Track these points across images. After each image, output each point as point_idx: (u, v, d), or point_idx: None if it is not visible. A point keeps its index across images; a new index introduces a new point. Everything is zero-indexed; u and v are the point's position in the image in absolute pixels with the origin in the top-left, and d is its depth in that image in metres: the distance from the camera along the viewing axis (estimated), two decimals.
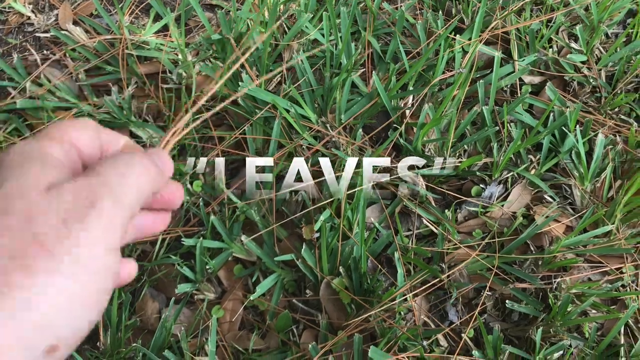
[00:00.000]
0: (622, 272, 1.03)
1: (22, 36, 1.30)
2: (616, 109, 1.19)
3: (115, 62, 1.21)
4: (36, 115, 1.15)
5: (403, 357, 0.88)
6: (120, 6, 1.31)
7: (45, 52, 1.27)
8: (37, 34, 1.30)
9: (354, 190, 1.00)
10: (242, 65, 1.15)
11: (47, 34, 1.29)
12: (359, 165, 1.03)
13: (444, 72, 1.17)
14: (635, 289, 1.01)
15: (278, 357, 0.95)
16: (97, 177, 0.34)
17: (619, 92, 1.21)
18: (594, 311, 0.99)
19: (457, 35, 1.23)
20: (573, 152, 1.11)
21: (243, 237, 0.98)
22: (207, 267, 0.99)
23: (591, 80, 1.22)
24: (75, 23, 1.30)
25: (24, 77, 1.20)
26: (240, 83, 1.09)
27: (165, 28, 1.29)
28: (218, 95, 1.15)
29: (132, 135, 1.14)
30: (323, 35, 1.23)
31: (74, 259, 0.30)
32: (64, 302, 0.30)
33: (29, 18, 1.31)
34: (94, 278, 0.32)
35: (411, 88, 1.16)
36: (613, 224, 1.04)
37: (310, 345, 0.90)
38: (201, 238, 0.98)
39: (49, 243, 0.30)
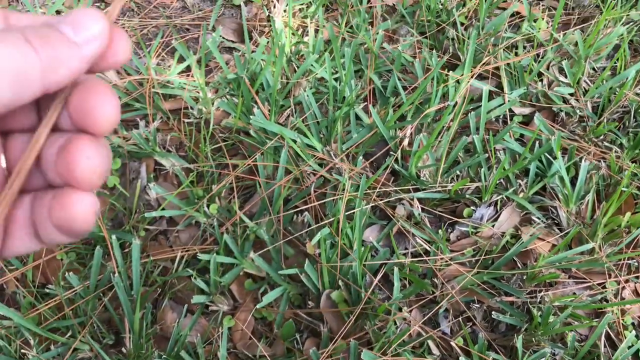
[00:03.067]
0: (604, 287, 1.11)
1: None
2: (600, 137, 1.28)
3: (142, 100, 1.35)
4: None
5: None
6: (148, 50, 1.47)
7: None
8: None
9: (353, 210, 1.11)
10: (255, 101, 1.28)
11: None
12: (357, 188, 1.14)
13: (438, 104, 1.28)
14: (616, 302, 1.09)
15: None
16: None
17: (604, 121, 1.30)
18: (576, 322, 1.07)
19: (451, 72, 1.35)
20: (557, 176, 1.20)
21: (252, 254, 1.09)
22: (220, 281, 1.10)
23: (578, 111, 1.32)
24: None
25: None
26: (251, 117, 1.22)
27: (188, 69, 1.43)
28: (233, 128, 1.28)
29: (157, 164, 1.27)
30: (332, 72, 1.35)
31: None
32: None
33: None
34: None
35: (409, 119, 1.27)
36: (595, 242, 1.12)
37: (311, 351, 1.00)
38: (215, 254, 1.10)
39: None
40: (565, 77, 1.37)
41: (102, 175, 0.32)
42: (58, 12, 1.56)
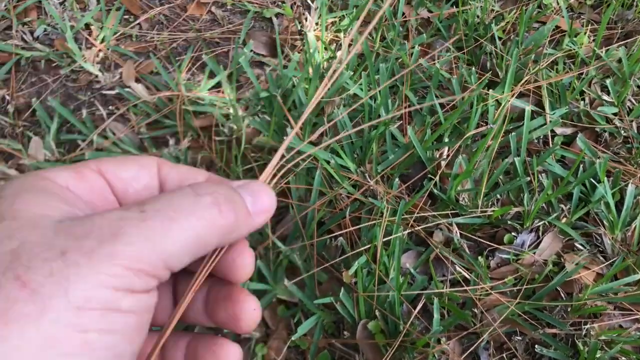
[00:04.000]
0: None
1: (91, 93, 1.44)
2: None
3: (173, 117, 1.33)
4: None
5: None
6: (177, 65, 1.44)
7: (110, 107, 1.40)
8: (103, 91, 1.43)
9: (390, 237, 1.07)
10: (287, 120, 1.25)
11: (112, 91, 1.42)
12: (394, 212, 1.11)
13: (478, 125, 1.24)
14: None
15: None
16: (134, 212, 0.31)
17: None
18: (623, 358, 1.02)
19: (490, 90, 1.30)
20: (602, 201, 1.15)
21: (286, 281, 1.06)
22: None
23: (622, 132, 1.27)
24: (137, 81, 1.43)
25: (92, 131, 1.33)
26: (284, 137, 1.19)
27: (218, 84, 1.41)
28: (265, 148, 1.25)
29: None
30: (362, 90, 1.32)
31: (62, 296, 0.27)
32: (44, 353, 0.26)
33: (96, 77, 1.45)
34: (86, 321, 0.27)
35: (446, 139, 1.23)
36: None
37: None
38: (248, 281, 1.07)
39: (34, 280, 0.27)
40: (609, 95, 1.32)
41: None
42: (87, 26, 1.54)
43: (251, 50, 1.46)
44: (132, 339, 0.30)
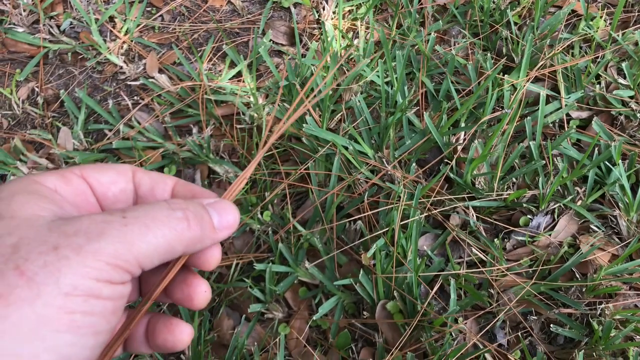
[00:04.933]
0: None
1: (116, 84, 1.49)
2: None
3: (195, 106, 1.37)
4: (129, 154, 1.32)
5: None
6: (199, 55, 1.48)
7: (135, 97, 1.44)
8: (128, 82, 1.48)
9: (407, 220, 1.11)
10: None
11: (137, 81, 1.47)
12: (411, 196, 1.13)
13: (493, 110, 1.26)
14: None
15: None
16: (117, 217, 0.36)
17: None
18: (638, 337, 1.04)
19: (506, 75, 1.32)
20: (618, 184, 1.16)
21: (306, 263, 1.10)
22: (275, 289, 1.11)
23: (638, 115, 1.27)
24: (160, 71, 1.47)
25: (118, 121, 1.38)
26: (304, 125, 1.22)
27: (239, 74, 1.44)
28: (285, 135, 1.28)
29: (210, 171, 1.29)
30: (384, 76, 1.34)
31: (54, 284, 0.32)
32: (37, 329, 0.32)
33: (121, 68, 1.50)
34: (73, 304, 0.33)
35: (462, 124, 1.25)
36: None
37: None
38: (270, 263, 1.11)
39: (31, 270, 0.32)
40: (625, 78, 1.33)
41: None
42: (111, 18, 1.58)
43: (270, 40, 1.50)
44: (109, 319, 0.36)
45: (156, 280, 0.44)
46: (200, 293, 0.45)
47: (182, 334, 0.45)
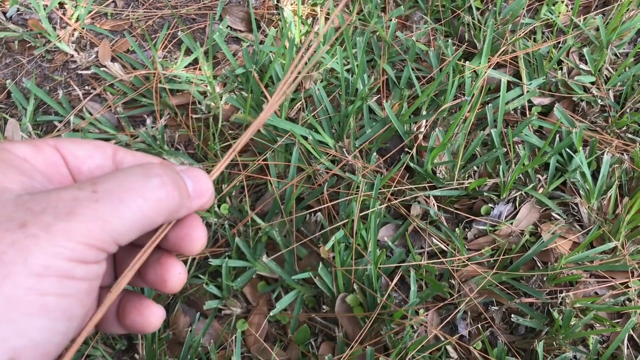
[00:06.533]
0: (627, 287, 1.08)
1: (66, 73, 1.43)
2: (623, 128, 1.23)
3: (149, 95, 1.32)
4: None
5: None
6: (153, 42, 1.43)
7: (87, 87, 1.39)
8: (79, 71, 1.42)
9: (367, 211, 1.08)
10: (264, 95, 1.24)
11: (89, 70, 1.41)
12: (371, 187, 1.11)
13: (455, 97, 1.23)
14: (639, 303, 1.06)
15: None
16: (86, 192, 0.33)
17: (627, 110, 1.25)
18: (598, 325, 1.04)
19: (467, 62, 1.30)
20: (579, 171, 1.15)
21: (265, 257, 1.07)
22: (232, 285, 1.08)
23: (599, 101, 1.27)
24: (113, 59, 1.42)
25: (68, 111, 1.32)
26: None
27: (195, 61, 1.39)
28: (242, 124, 1.24)
29: None
30: (344, 63, 1.31)
31: (22, 264, 0.30)
32: (6, 311, 0.29)
33: (72, 56, 1.44)
34: (44, 286, 0.31)
35: (424, 112, 1.23)
36: (618, 240, 1.09)
37: (327, 357, 0.98)
38: (227, 258, 1.07)
39: None
40: (586, 64, 1.32)
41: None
42: (61, 5, 1.52)
43: (227, 26, 1.45)
44: (84, 302, 0.34)
45: (132, 258, 0.40)
46: (175, 275, 0.41)
47: (151, 315, 0.41)
